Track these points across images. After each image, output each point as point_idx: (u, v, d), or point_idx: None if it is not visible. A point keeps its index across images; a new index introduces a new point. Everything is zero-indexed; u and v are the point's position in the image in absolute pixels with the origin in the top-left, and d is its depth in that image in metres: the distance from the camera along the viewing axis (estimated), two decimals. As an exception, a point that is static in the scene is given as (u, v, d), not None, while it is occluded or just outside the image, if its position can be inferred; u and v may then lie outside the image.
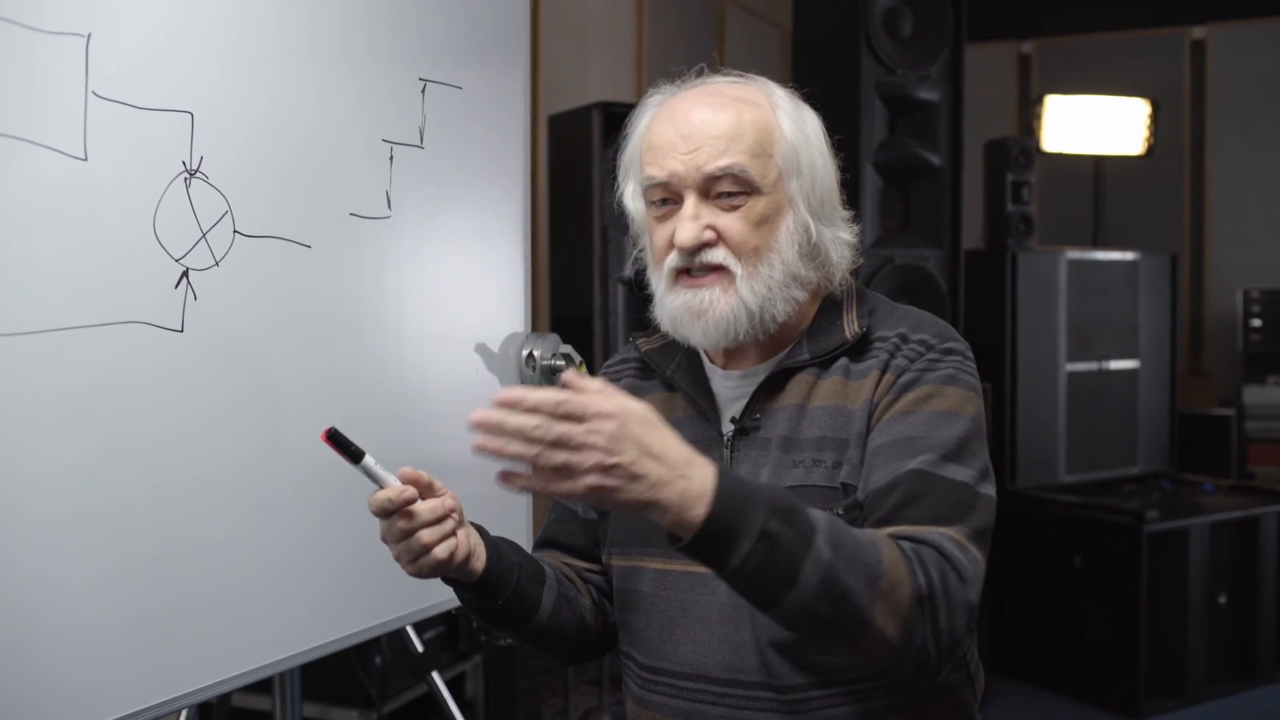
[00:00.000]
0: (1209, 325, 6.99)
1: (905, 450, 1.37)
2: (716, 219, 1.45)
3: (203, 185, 1.64)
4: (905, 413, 1.40)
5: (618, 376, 1.70)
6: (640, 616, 1.54)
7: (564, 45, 5.09)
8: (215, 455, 1.68)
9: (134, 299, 1.55)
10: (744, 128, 1.45)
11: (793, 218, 1.47)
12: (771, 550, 1.21)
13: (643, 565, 1.54)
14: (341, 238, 1.88)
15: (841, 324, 1.50)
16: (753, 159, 1.44)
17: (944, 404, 1.40)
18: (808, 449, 1.45)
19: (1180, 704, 4.55)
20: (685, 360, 1.60)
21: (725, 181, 1.44)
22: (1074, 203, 6.51)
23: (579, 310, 3.87)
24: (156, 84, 1.58)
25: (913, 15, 4.11)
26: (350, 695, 3.34)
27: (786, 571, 1.22)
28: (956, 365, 1.45)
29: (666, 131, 1.48)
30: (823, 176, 1.51)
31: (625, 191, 1.59)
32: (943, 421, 1.39)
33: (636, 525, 1.54)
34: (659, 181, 1.47)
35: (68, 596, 1.49)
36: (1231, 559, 4.71)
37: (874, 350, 1.47)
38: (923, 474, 1.35)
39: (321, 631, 1.88)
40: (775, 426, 1.48)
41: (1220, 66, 7.01)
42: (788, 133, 1.48)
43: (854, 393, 1.45)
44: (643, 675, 1.54)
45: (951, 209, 4.20)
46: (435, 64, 2.07)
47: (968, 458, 1.38)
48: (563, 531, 1.71)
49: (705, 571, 1.38)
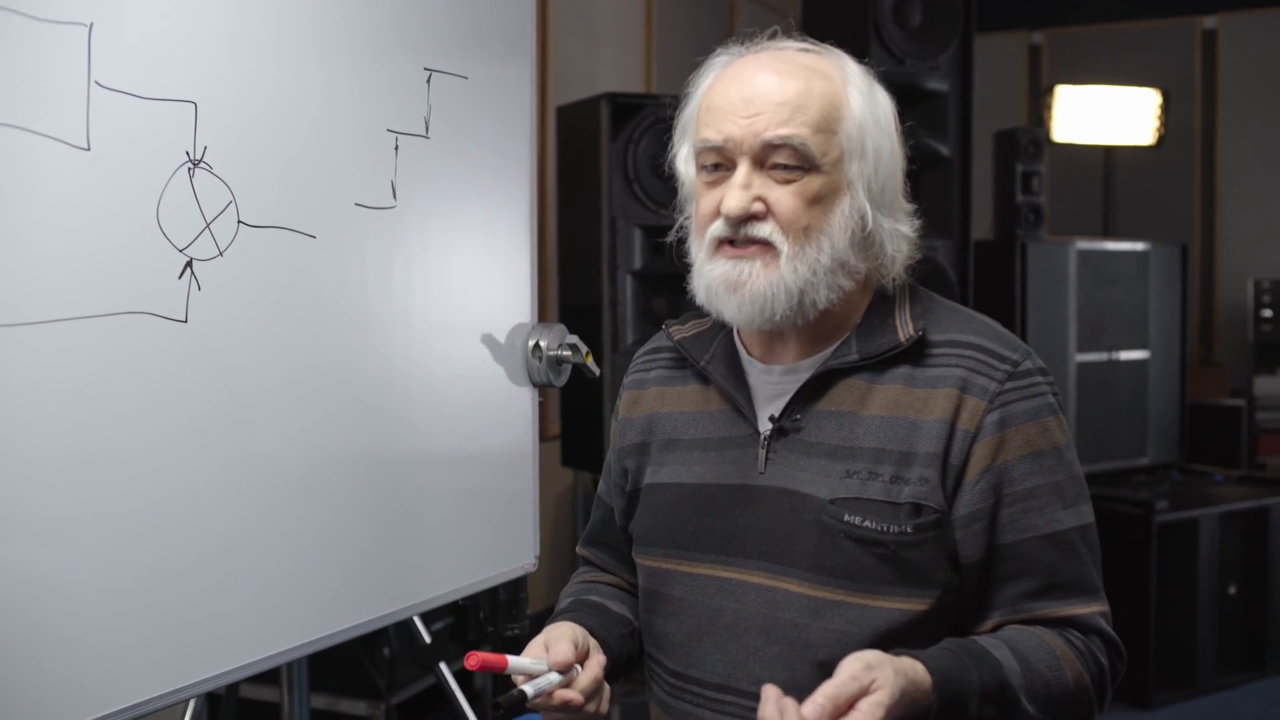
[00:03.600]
0: (1219, 315, 6.97)
1: (1031, 503, 1.37)
2: (768, 191, 1.36)
3: (206, 175, 1.63)
4: (1020, 458, 1.37)
5: (648, 368, 1.63)
6: (669, 621, 1.48)
7: (572, 36, 5.08)
8: (220, 446, 1.68)
9: (138, 289, 1.55)
10: (811, 99, 1.36)
11: (849, 202, 1.38)
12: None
13: (670, 568, 1.49)
14: (346, 228, 1.88)
15: (894, 323, 1.43)
16: (815, 133, 1.35)
17: (1051, 440, 1.39)
18: (864, 459, 1.38)
19: (1190, 694, 4.55)
20: (721, 351, 1.52)
21: (783, 152, 1.35)
22: (1085, 193, 6.49)
23: (588, 301, 3.87)
24: (160, 74, 1.57)
25: (922, 5, 4.10)
26: (359, 687, 3.35)
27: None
28: (1044, 388, 1.42)
29: (729, 92, 1.39)
30: (887, 163, 1.42)
31: (679, 154, 1.50)
32: (1056, 463, 1.39)
33: (664, 525, 1.50)
34: (713, 145, 1.38)
35: (73, 589, 1.49)
36: (1241, 549, 4.70)
37: (943, 358, 1.40)
38: (1058, 535, 1.37)
39: (329, 622, 1.88)
40: (821, 431, 1.41)
41: (1231, 56, 6.98)
42: (856, 111, 1.39)
43: (921, 404, 1.38)
44: (670, 681, 1.49)
45: (961, 199, 4.19)
46: (440, 54, 2.06)
47: (1081, 489, 1.41)
48: (608, 531, 1.68)
49: (734, 577, 1.40)
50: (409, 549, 2.04)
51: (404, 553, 2.03)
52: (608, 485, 1.67)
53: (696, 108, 1.45)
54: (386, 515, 1.98)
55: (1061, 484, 1.38)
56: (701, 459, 1.49)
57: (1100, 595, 1.41)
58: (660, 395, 1.58)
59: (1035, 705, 1.30)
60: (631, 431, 1.59)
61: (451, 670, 2.39)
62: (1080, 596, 1.38)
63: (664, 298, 3.84)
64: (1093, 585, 1.40)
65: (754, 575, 1.41)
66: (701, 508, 1.46)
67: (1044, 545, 1.36)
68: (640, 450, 1.57)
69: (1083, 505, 1.40)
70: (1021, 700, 1.29)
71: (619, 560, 1.67)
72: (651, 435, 1.56)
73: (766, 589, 1.34)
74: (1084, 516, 1.40)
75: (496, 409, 2.22)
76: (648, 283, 3.86)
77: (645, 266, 3.85)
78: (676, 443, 1.53)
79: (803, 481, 1.40)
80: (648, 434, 1.57)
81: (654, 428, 1.56)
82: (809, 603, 1.34)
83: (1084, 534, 1.39)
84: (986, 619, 1.40)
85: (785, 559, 1.38)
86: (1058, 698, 1.32)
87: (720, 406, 1.50)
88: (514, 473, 2.29)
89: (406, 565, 2.04)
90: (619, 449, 1.61)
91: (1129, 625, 4.45)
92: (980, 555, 1.37)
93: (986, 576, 1.38)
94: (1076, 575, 1.38)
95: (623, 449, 1.60)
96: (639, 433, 1.58)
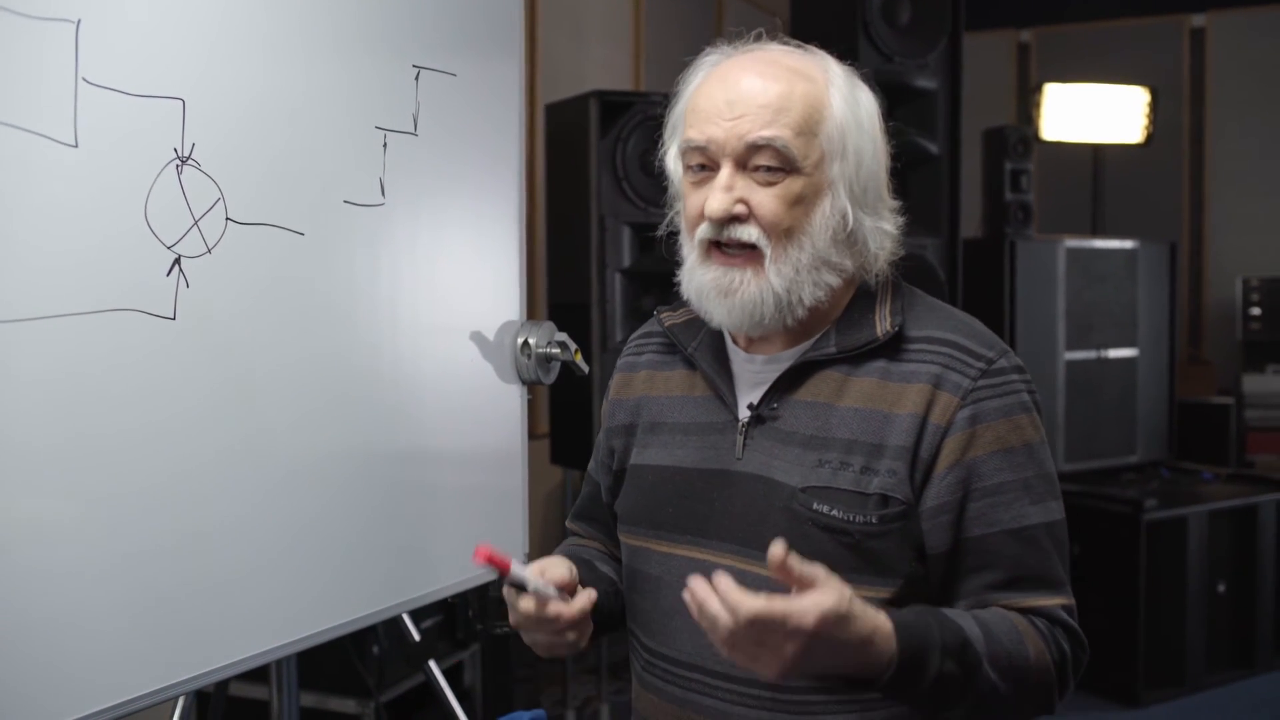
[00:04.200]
0: (1208, 314, 6.98)
1: (1000, 498, 1.40)
2: (750, 193, 1.40)
3: (194, 172, 1.63)
4: (989, 454, 1.40)
5: (640, 352, 1.67)
6: (645, 598, 1.54)
7: (561, 34, 5.08)
8: (208, 443, 1.68)
9: (126, 286, 1.55)
10: (793, 101, 1.40)
11: (831, 202, 1.42)
12: (945, 692, 1.30)
13: (649, 547, 1.53)
14: (334, 225, 1.88)
15: (873, 318, 1.46)
16: (797, 136, 1.39)
17: (1022, 437, 1.42)
18: (836, 449, 1.41)
19: (1179, 692, 4.57)
20: (708, 338, 1.55)
21: (765, 154, 1.39)
22: (1073, 191, 6.50)
23: (577, 299, 3.87)
24: (147, 70, 1.57)
25: (910, 4, 4.10)
26: (348, 685, 3.34)
27: (955, 697, 1.32)
28: (1018, 385, 1.45)
29: (714, 94, 1.43)
30: (869, 163, 1.45)
31: (669, 151, 1.53)
32: (1026, 460, 1.42)
33: (645, 506, 1.55)
34: (697, 145, 1.42)
35: (60, 585, 1.48)
36: (1230, 548, 4.71)
37: (918, 354, 1.43)
38: (1025, 530, 1.40)
39: (317, 620, 1.88)
40: (797, 421, 1.45)
41: (1220, 54, 7.00)
42: (838, 113, 1.42)
43: (895, 398, 1.41)
44: (645, 657, 1.55)
45: (950, 197, 4.19)
46: (429, 51, 2.06)
47: (1051, 486, 1.44)
48: (595, 507, 1.73)
49: (708, 559, 1.44)
50: (398, 546, 2.04)
51: (393, 550, 2.03)
52: (596, 463, 1.71)
53: (683, 108, 1.48)
54: (375, 512, 1.98)
55: (1030, 480, 1.41)
56: (684, 443, 1.53)
57: (1065, 589, 1.43)
58: (649, 379, 1.62)
59: (996, 672, 1.32)
60: (621, 413, 1.64)
61: (440, 668, 2.39)
62: (1044, 590, 1.41)
63: (653, 295, 3.84)
64: (1057, 579, 1.42)
65: (726, 558, 1.44)
66: (682, 490, 1.51)
67: (1009, 540, 1.39)
68: (628, 431, 1.62)
69: (1051, 502, 1.42)
70: (983, 663, 1.31)
71: (605, 535, 1.72)
72: (638, 417, 1.61)
73: (738, 572, 1.35)
74: (1052, 513, 1.42)
75: (485, 406, 2.22)
76: (637, 281, 3.86)
77: (634, 264, 3.85)
78: (661, 426, 1.57)
79: (777, 469, 1.43)
80: (635, 416, 1.61)
81: (641, 410, 1.61)
82: (776, 587, 1.36)
83: (1050, 530, 1.41)
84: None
85: (755, 543, 1.40)
86: (1019, 669, 1.34)
87: (705, 392, 1.54)
88: (503, 470, 2.29)
89: (396, 562, 2.04)
90: (608, 429, 1.66)
91: (1118, 623, 4.48)
92: (946, 547, 1.40)
93: (952, 568, 1.42)
94: (1041, 569, 1.41)
95: (611, 429, 1.65)
96: (627, 414, 1.63)
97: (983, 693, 1.32)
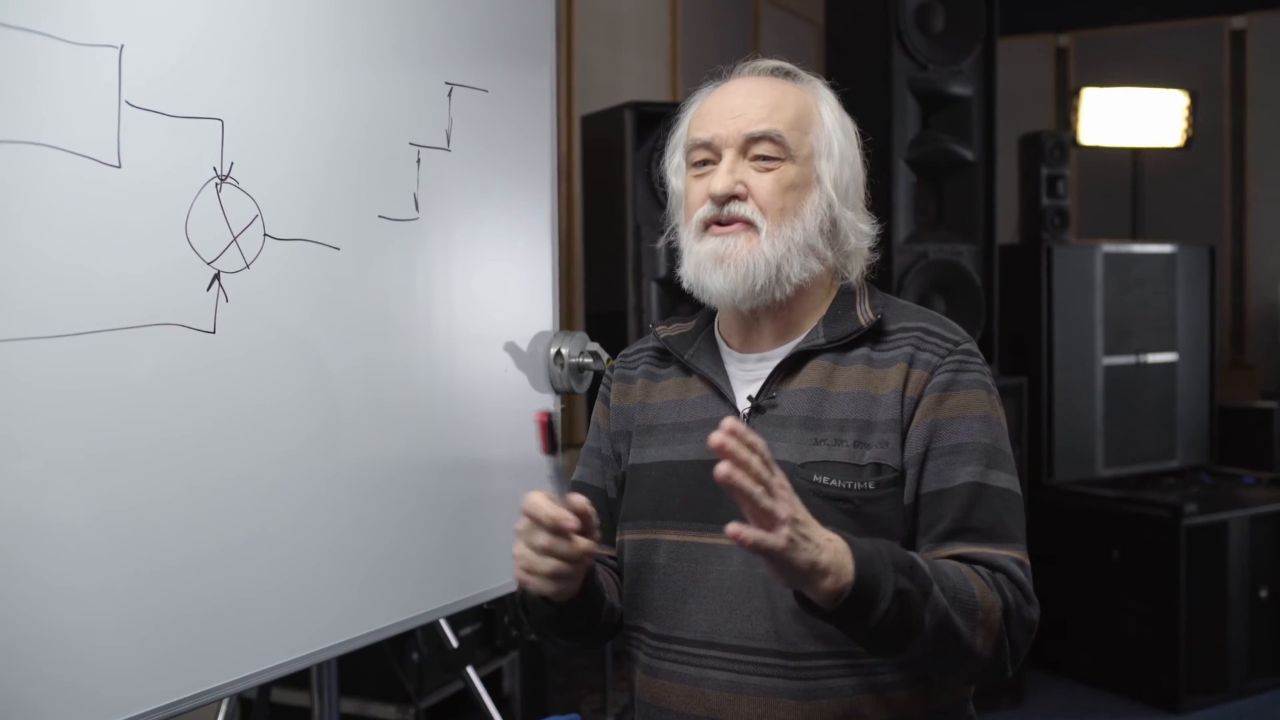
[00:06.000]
0: (1251, 317, 6.91)
1: (957, 457, 1.50)
2: (749, 177, 1.56)
3: (233, 190, 1.68)
4: (951, 418, 1.51)
5: (634, 364, 1.76)
6: (654, 589, 1.59)
7: (597, 45, 5.12)
8: (249, 454, 1.72)
9: (167, 302, 1.59)
10: (787, 102, 1.58)
11: (818, 193, 1.58)
12: (903, 606, 1.33)
13: (658, 538, 1.59)
14: (370, 240, 1.92)
15: (856, 313, 1.60)
16: (791, 129, 1.56)
17: (982, 409, 1.53)
18: (830, 429, 1.53)
19: (1221, 698, 4.52)
20: (704, 344, 1.68)
21: (763, 144, 1.55)
22: (1113, 196, 6.46)
23: (614, 308, 3.90)
24: (187, 93, 1.62)
25: (944, 10, 4.12)
26: (388, 691, 3.38)
27: (914, 623, 1.34)
28: (980, 367, 1.58)
29: (716, 102, 1.61)
30: (850, 169, 1.62)
31: (670, 165, 1.69)
32: (984, 428, 1.52)
33: (651, 499, 1.62)
34: (702, 141, 1.58)
35: (107, 594, 1.53)
36: (1272, 552, 4.67)
37: (895, 341, 1.57)
38: (977, 485, 1.48)
39: (356, 625, 1.92)
40: (795, 406, 1.56)
41: (1260, 56, 6.93)
42: (826, 120, 1.61)
43: (879, 381, 1.55)
44: (653, 645, 1.58)
45: (985, 203, 4.20)
46: (461, 68, 2.10)
47: (1007, 461, 1.53)
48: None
49: (719, 542, 1.49)
50: (434, 553, 2.08)
51: (429, 556, 2.06)
52: (589, 470, 1.75)
53: (687, 124, 1.65)
54: (412, 520, 2.02)
55: (987, 448, 1.51)
56: (684, 438, 1.61)
57: (1015, 545, 1.48)
58: (645, 387, 1.71)
59: (947, 597, 1.36)
60: (620, 418, 1.73)
61: (479, 675, 2.42)
62: (991, 542, 1.47)
63: (688, 303, 3.85)
64: (1006, 534, 1.48)
65: None
66: (687, 480, 1.58)
67: (960, 494, 1.48)
68: (626, 436, 1.71)
69: (1006, 474, 1.51)
70: (934, 586, 1.35)
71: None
72: (634, 423, 1.70)
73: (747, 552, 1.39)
74: (1007, 483, 1.51)
75: (519, 415, 2.25)
76: (672, 289, 3.89)
77: (670, 273, 3.87)
78: (657, 428, 1.66)
79: (778, 450, 1.50)
80: (631, 422, 1.70)
81: (637, 415, 1.70)
82: None
83: (1003, 495, 1.50)
84: None
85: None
86: (965, 603, 1.37)
87: (700, 394, 1.64)
88: (538, 478, 2.31)
89: (432, 568, 2.08)
90: (611, 433, 1.73)
91: (1159, 629, 4.46)
92: (910, 501, 1.51)
93: (912, 527, 1.52)
94: (990, 523, 1.48)
95: (614, 433, 1.73)
96: (625, 420, 1.72)
97: (940, 620, 1.35)
